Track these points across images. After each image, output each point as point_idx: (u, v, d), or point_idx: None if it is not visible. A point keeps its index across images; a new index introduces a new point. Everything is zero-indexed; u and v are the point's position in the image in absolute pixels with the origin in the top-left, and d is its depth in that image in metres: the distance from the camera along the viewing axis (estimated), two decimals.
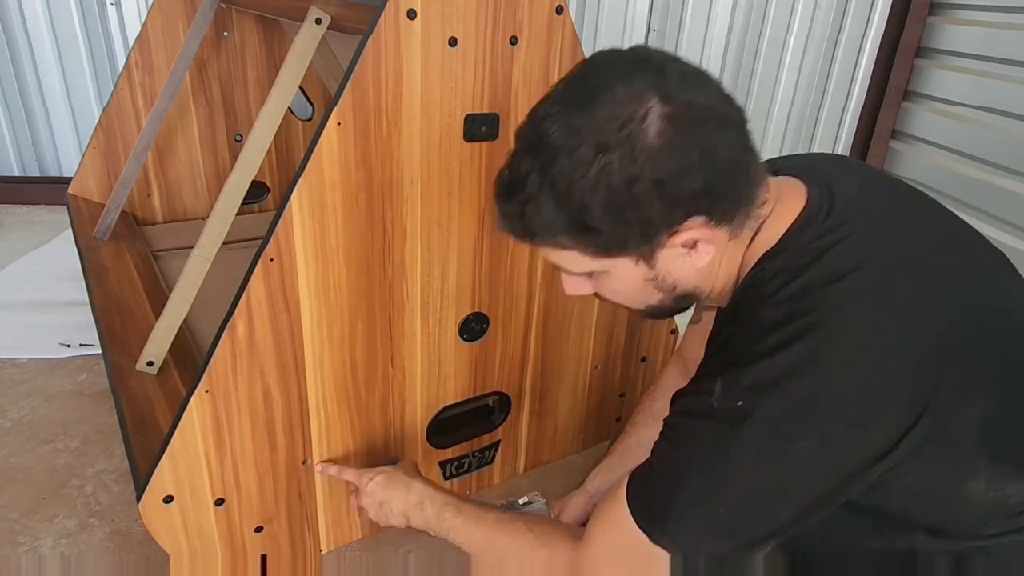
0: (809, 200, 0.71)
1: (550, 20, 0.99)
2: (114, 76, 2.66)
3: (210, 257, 1.26)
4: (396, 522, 0.99)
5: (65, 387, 1.59)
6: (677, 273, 0.73)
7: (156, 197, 2.08)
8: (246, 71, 2.05)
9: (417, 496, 0.97)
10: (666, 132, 0.62)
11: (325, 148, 0.87)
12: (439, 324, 1.10)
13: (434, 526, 0.94)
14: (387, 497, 0.99)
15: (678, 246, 0.69)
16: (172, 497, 0.95)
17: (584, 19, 2.88)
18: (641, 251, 0.69)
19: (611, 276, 0.74)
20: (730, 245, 0.73)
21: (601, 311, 1.31)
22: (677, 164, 0.63)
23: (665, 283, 0.73)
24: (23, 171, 2.79)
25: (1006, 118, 2.49)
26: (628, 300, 0.78)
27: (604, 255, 0.70)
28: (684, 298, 0.77)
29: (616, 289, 0.76)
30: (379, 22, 0.85)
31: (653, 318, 0.83)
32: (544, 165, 0.65)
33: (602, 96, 0.63)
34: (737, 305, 0.73)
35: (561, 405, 1.38)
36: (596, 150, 0.62)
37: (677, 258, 0.71)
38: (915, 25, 2.80)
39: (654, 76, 0.64)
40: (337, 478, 1.07)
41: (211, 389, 0.91)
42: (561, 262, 0.73)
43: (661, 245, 0.68)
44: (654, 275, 0.72)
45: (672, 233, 0.67)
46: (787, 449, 0.63)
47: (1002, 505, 0.69)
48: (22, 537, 1.20)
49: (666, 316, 0.83)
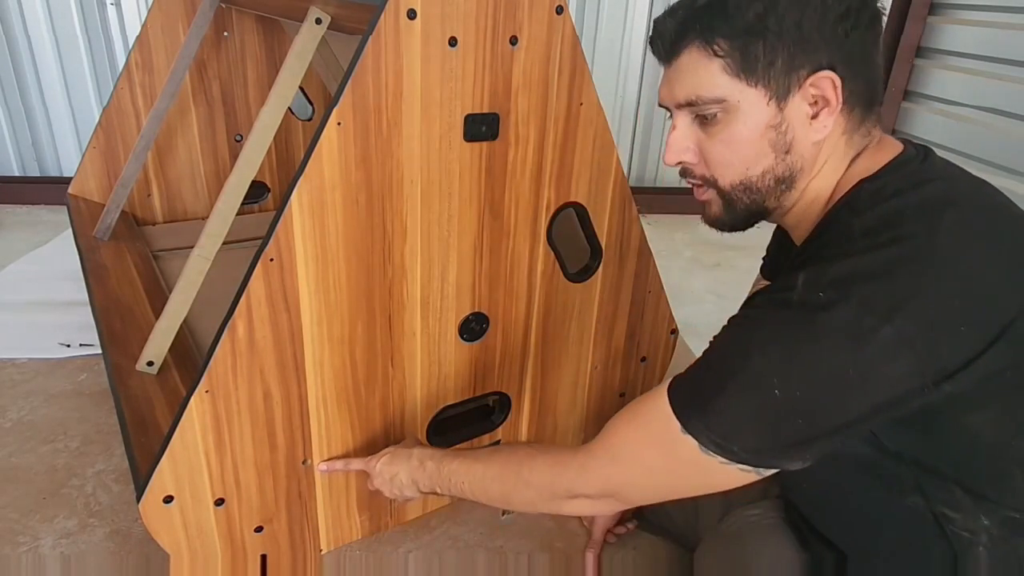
0: (906, 149, 0.76)
1: (550, 20, 0.99)
2: (114, 76, 2.66)
3: (210, 257, 1.26)
4: (410, 493, 1.01)
5: (65, 387, 1.59)
6: (798, 133, 0.74)
7: (156, 197, 2.08)
8: (246, 71, 2.05)
9: (418, 459, 0.99)
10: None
11: (325, 148, 0.87)
12: (439, 324, 1.10)
13: (439, 480, 0.96)
14: (394, 471, 1.01)
15: (807, 101, 0.73)
16: (172, 497, 0.95)
17: (584, 19, 2.88)
18: (779, 85, 0.72)
19: (735, 117, 0.74)
20: (841, 142, 0.76)
21: (601, 311, 1.32)
22: (843, 6, 0.70)
23: (784, 139, 0.74)
24: (23, 171, 2.79)
25: (1006, 118, 2.49)
26: (736, 158, 0.76)
27: (747, 77, 0.72)
28: (785, 180, 0.76)
29: (734, 135, 0.75)
30: (379, 22, 0.85)
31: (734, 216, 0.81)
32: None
33: None
34: (829, 220, 0.74)
35: (561, 405, 1.38)
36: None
37: (802, 118, 0.73)
38: (915, 25, 2.80)
39: None
40: (345, 471, 1.08)
41: (211, 389, 0.91)
42: (699, 81, 0.74)
43: (799, 85, 0.72)
44: (779, 122, 0.73)
45: (812, 73, 0.71)
46: (863, 341, 0.62)
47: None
48: (22, 537, 1.20)
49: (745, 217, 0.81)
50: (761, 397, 0.66)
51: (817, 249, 0.72)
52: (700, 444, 0.68)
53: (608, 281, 1.29)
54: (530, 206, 1.10)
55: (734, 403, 0.67)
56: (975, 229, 0.66)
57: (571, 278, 1.23)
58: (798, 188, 0.77)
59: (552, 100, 1.04)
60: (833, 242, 0.70)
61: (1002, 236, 0.67)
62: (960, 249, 0.64)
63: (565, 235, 1.21)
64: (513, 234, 1.10)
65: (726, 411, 0.68)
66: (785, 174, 0.76)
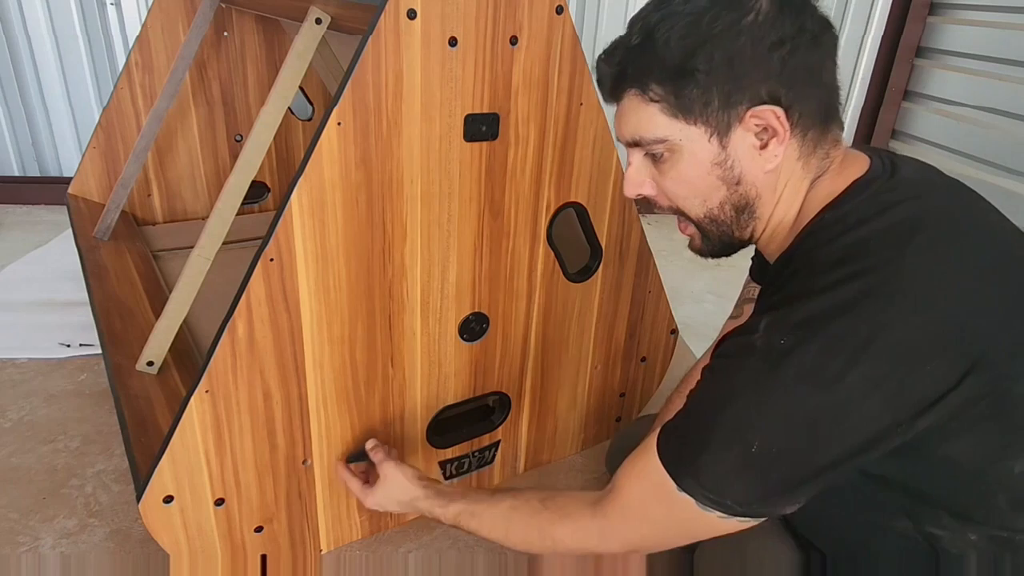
0: (872, 165, 0.74)
1: (550, 20, 0.99)
2: (114, 76, 2.66)
3: (210, 257, 1.26)
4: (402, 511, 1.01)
5: (65, 387, 1.59)
6: (745, 165, 0.74)
7: (156, 197, 2.08)
8: (246, 71, 2.05)
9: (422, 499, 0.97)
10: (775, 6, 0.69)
11: (325, 148, 0.87)
12: (439, 324, 1.10)
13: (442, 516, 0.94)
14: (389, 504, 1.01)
15: (751, 134, 0.72)
16: (172, 497, 0.95)
17: (584, 19, 2.88)
18: (718, 122, 0.72)
19: (680, 156, 0.75)
20: (797, 167, 0.74)
21: (601, 311, 1.32)
22: (777, 34, 0.69)
23: (731, 173, 0.74)
24: (23, 171, 2.79)
25: (1006, 118, 2.49)
26: (690, 195, 0.77)
27: (684, 117, 0.72)
28: (745, 208, 0.77)
29: (681, 175, 0.76)
30: (379, 22, 0.85)
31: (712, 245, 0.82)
32: (664, 11, 0.71)
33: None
34: (793, 251, 0.74)
35: (561, 405, 1.38)
36: (712, 3, 0.69)
37: (748, 150, 0.73)
38: (915, 25, 2.80)
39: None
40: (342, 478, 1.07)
41: (211, 389, 0.91)
42: (640, 124, 0.75)
43: (739, 120, 0.71)
44: (723, 158, 0.73)
45: (751, 108, 0.70)
46: (831, 385, 0.62)
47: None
48: (22, 537, 1.20)
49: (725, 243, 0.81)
50: (742, 450, 0.66)
51: (784, 280, 0.72)
52: (697, 501, 0.69)
53: (608, 281, 1.29)
54: (530, 206, 1.10)
55: (719, 459, 0.68)
56: (943, 256, 0.64)
57: (571, 278, 1.23)
58: (761, 215, 0.77)
59: (552, 100, 1.04)
60: (799, 274, 0.69)
61: (972, 258, 0.65)
62: (927, 280, 0.63)
63: (565, 235, 1.21)
64: (513, 234, 1.10)
65: (713, 467, 0.68)
66: (742, 203, 0.76)
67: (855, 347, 0.62)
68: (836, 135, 0.76)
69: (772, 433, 0.65)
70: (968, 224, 0.69)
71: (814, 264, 0.68)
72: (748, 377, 0.67)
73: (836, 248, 0.67)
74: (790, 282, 0.70)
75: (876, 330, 0.62)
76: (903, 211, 0.67)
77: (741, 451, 0.66)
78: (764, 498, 0.67)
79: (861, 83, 3.00)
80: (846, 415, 0.63)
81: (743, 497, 0.67)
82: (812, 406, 0.63)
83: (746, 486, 0.67)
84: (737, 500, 0.68)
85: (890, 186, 0.70)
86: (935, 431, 0.64)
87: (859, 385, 0.62)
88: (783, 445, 0.65)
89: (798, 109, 0.71)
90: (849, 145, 0.79)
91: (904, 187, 0.70)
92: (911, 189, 0.70)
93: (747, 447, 0.66)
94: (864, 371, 0.61)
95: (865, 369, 0.61)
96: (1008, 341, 0.64)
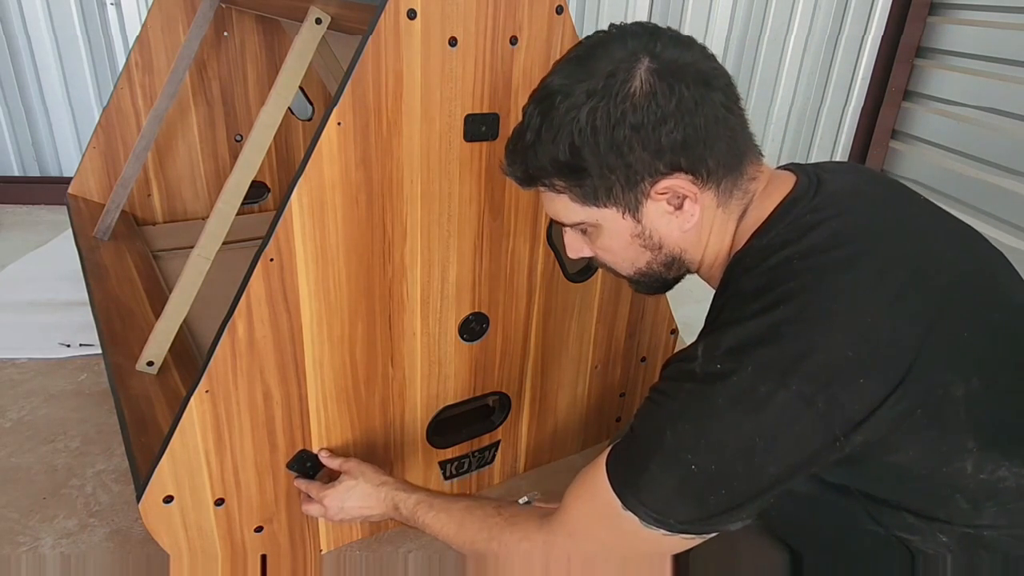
0: (797, 184, 0.75)
1: (550, 20, 0.99)
2: (114, 76, 2.66)
3: (210, 257, 1.26)
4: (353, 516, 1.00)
5: (65, 387, 1.59)
6: (663, 231, 0.76)
7: (156, 197, 2.08)
8: (246, 71, 2.05)
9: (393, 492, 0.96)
10: (649, 83, 0.69)
11: (325, 148, 0.87)
12: (439, 324, 1.10)
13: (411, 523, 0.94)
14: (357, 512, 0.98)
15: (663, 201, 0.73)
16: (172, 497, 0.95)
17: (584, 19, 2.88)
18: (627, 201, 0.73)
19: (602, 231, 0.78)
20: (719, 213, 0.75)
21: (601, 311, 1.32)
22: (656, 113, 0.68)
23: (651, 241, 0.77)
24: (23, 171, 2.79)
25: (1006, 118, 2.49)
26: (618, 259, 0.81)
27: (593, 203, 0.75)
28: (673, 263, 0.80)
29: (607, 246, 0.79)
30: (379, 22, 0.85)
31: (648, 290, 0.86)
32: (544, 109, 0.72)
33: (600, 53, 0.71)
34: (727, 281, 0.75)
35: (561, 405, 1.38)
36: (587, 95, 0.70)
37: (663, 216, 0.75)
38: (915, 25, 2.80)
39: (647, 39, 0.71)
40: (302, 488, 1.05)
41: (211, 389, 0.91)
42: (558, 211, 0.78)
43: (645, 196, 0.73)
44: (640, 231, 0.76)
45: (655, 183, 0.71)
46: (762, 408, 0.64)
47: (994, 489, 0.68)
48: (22, 537, 1.20)
49: (659, 287, 0.85)
50: (681, 472, 0.67)
51: (720, 306, 0.74)
52: (641, 520, 0.70)
53: (608, 281, 1.29)
54: (530, 206, 1.10)
55: (659, 480, 0.69)
56: (865, 271, 0.65)
57: (571, 278, 1.23)
58: (692, 261, 0.80)
59: None
60: (730, 302, 0.71)
61: (895, 270, 0.66)
62: (849, 298, 0.64)
63: None
64: (513, 234, 1.10)
65: (655, 488, 0.69)
66: (668, 260, 0.80)
67: (782, 371, 0.63)
68: (754, 168, 0.76)
69: (709, 456, 0.66)
70: (893, 234, 0.69)
71: (743, 291, 0.70)
72: (686, 401, 0.69)
73: (761, 274, 0.69)
74: (724, 309, 0.72)
75: (801, 354, 0.63)
76: (825, 231, 0.68)
77: (681, 473, 0.67)
78: (707, 518, 0.69)
79: (861, 83, 3.00)
80: (779, 436, 0.64)
81: (685, 516, 0.69)
82: (746, 429, 0.65)
83: (687, 506, 0.68)
84: (679, 519, 0.69)
85: (813, 206, 0.71)
86: (876, 443, 0.65)
87: (789, 407, 0.63)
88: (721, 468, 0.66)
89: (703, 167, 0.71)
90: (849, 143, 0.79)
91: (828, 204, 0.71)
92: (834, 206, 0.71)
93: (686, 468, 0.67)
94: (793, 393, 0.63)
95: (794, 391, 0.63)
96: (937, 348, 0.64)
